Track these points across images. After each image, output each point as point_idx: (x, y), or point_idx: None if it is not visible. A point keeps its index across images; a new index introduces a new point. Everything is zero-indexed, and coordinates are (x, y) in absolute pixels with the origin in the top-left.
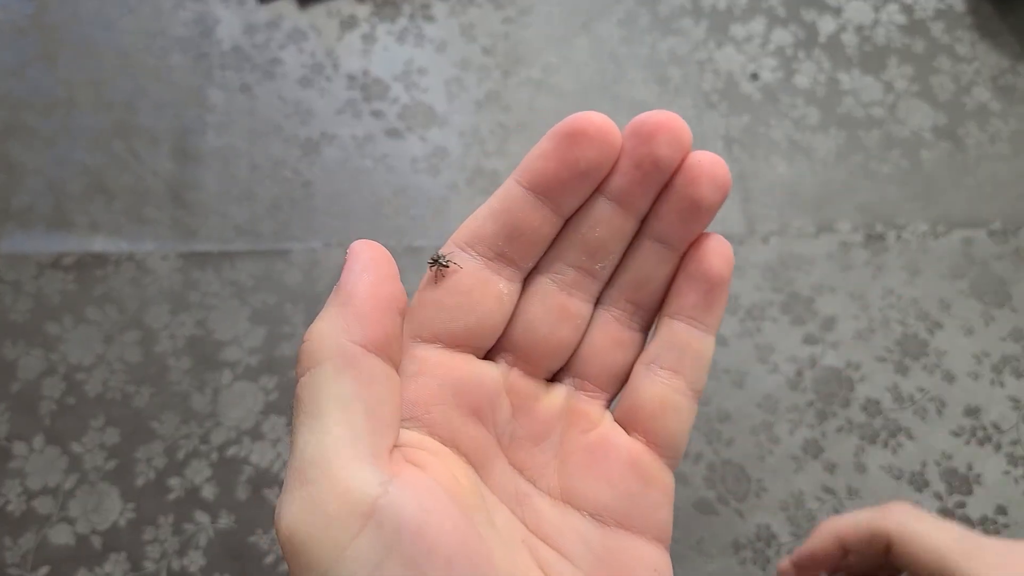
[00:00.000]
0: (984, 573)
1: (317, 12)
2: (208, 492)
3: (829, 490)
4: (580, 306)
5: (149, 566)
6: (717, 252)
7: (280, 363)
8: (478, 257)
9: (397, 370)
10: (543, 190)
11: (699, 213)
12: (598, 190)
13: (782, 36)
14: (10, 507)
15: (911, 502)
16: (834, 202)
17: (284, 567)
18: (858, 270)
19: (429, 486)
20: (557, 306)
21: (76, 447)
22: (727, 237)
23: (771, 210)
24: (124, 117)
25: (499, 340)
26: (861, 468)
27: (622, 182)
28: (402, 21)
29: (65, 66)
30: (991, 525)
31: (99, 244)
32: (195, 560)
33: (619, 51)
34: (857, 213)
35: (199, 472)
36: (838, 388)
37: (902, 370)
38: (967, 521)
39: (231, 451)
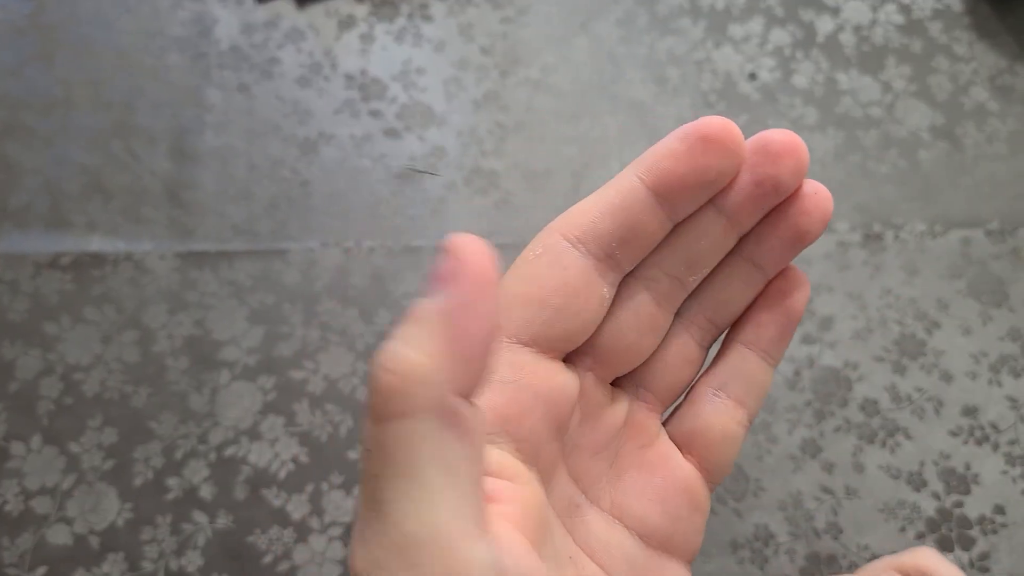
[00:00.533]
0: None
1: (315, 12)
2: (206, 492)
3: (827, 489)
4: (666, 318)
5: (147, 566)
6: (801, 289)
7: (278, 363)
8: (588, 256)
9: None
10: (666, 192)
11: (800, 244)
12: (711, 200)
13: (780, 36)
14: (8, 507)
15: (935, 549)
16: (832, 202)
17: (281, 567)
18: (856, 270)
19: (521, 545)
20: (648, 316)
21: (74, 447)
22: None
23: None
24: (122, 117)
25: (583, 344)
26: (859, 468)
27: (738, 198)
28: (400, 21)
29: (63, 66)
30: (989, 525)
31: (97, 244)
32: (193, 560)
33: (617, 51)
34: (855, 213)
35: (197, 472)
36: (836, 388)
37: (900, 370)
38: (965, 520)
39: (229, 451)
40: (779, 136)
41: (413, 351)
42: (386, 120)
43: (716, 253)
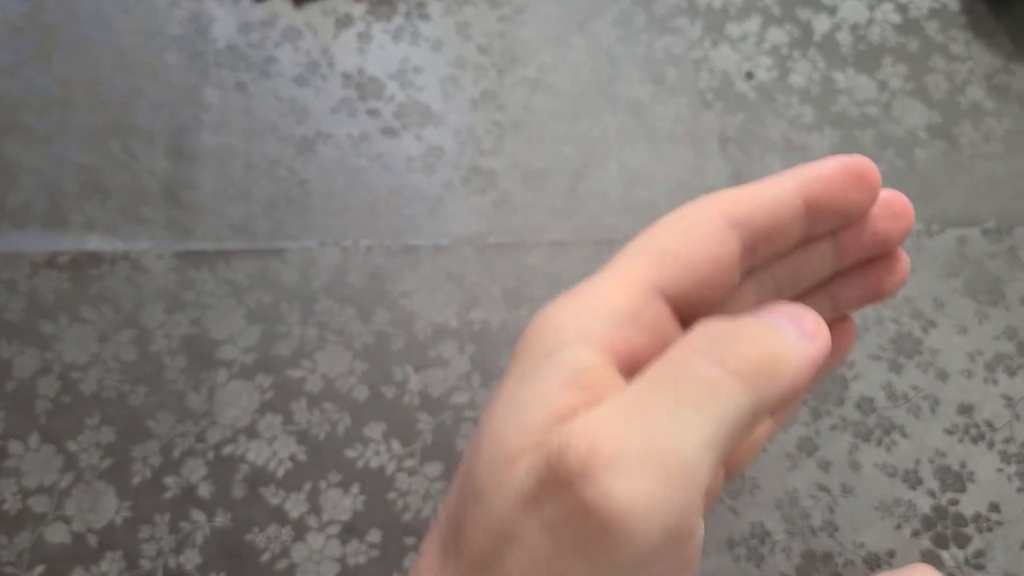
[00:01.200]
0: None
1: (312, 11)
2: (204, 491)
3: (823, 487)
4: None
5: (145, 564)
6: (850, 338)
7: (276, 362)
8: (739, 241)
9: None
10: (816, 209)
11: (875, 299)
12: (833, 232)
13: (777, 35)
14: (5, 506)
15: (931, 566)
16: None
17: (279, 565)
18: None
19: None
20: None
21: (72, 446)
22: None
23: None
24: (119, 116)
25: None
26: (855, 466)
27: (854, 238)
28: (398, 20)
29: (61, 65)
30: (984, 522)
31: (94, 243)
32: (191, 558)
33: (615, 50)
34: None
35: (195, 471)
36: (832, 386)
37: (896, 368)
38: (960, 518)
39: (227, 450)
40: (901, 200)
41: (799, 350)
42: (383, 119)
43: (816, 277)
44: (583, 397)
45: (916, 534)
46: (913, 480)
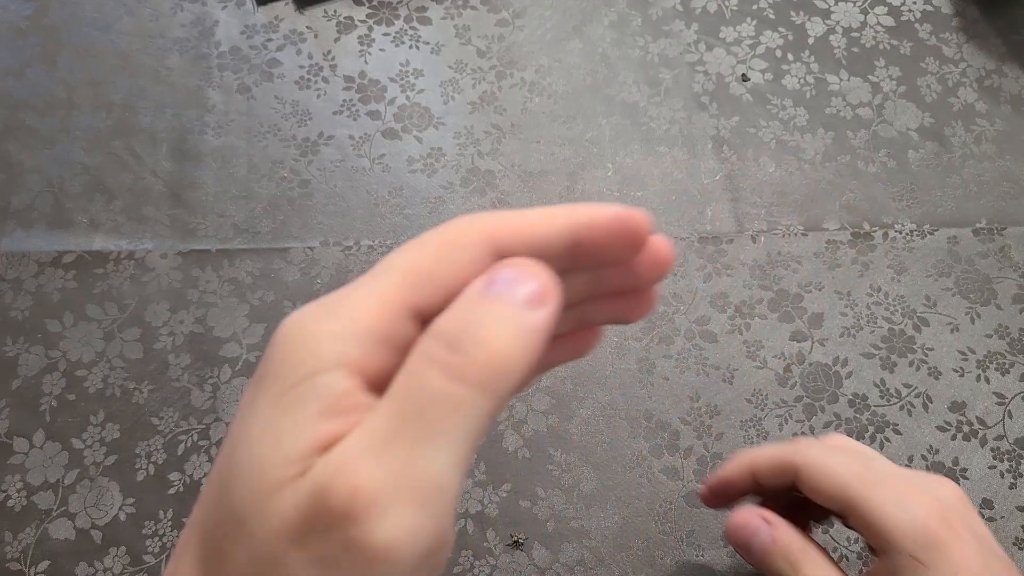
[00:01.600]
0: (882, 499)
1: (314, 14)
2: None
3: None
4: None
5: (149, 560)
6: (595, 339)
7: None
8: (489, 258)
9: None
10: (578, 250)
11: (621, 321)
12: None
13: (771, 38)
14: (10, 502)
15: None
16: (822, 201)
17: None
18: (845, 268)
19: None
20: None
21: (76, 443)
22: (717, 236)
23: (760, 209)
24: (123, 117)
25: None
26: None
27: (615, 278)
28: (398, 23)
29: (65, 67)
30: None
31: (99, 243)
32: None
33: (611, 53)
34: (844, 212)
35: (199, 467)
36: (826, 384)
37: (889, 366)
38: None
39: None
40: (666, 249)
41: (505, 333)
42: (384, 121)
43: (569, 302)
44: (341, 424)
45: None
46: None
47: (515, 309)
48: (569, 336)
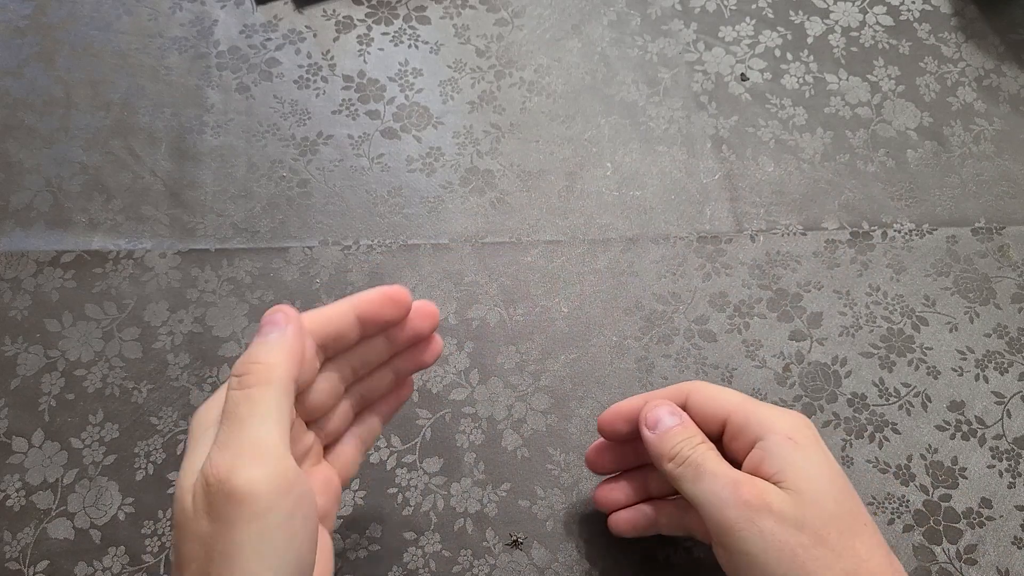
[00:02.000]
0: (762, 406)
1: (313, 13)
2: None
3: None
4: (341, 390)
5: (148, 559)
6: (408, 391)
7: None
8: (311, 341)
9: None
10: (363, 320)
11: (421, 367)
12: (384, 332)
13: (770, 38)
14: (9, 502)
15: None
16: (821, 201)
17: None
18: (844, 267)
19: (307, 478)
20: (332, 386)
21: (75, 442)
22: (716, 235)
23: (759, 208)
24: (122, 117)
25: (300, 394)
26: (848, 461)
27: (399, 334)
28: (397, 23)
29: (63, 66)
30: (976, 518)
31: (98, 242)
32: None
33: (610, 53)
34: (843, 211)
35: None
36: (825, 383)
37: (888, 365)
38: (952, 513)
39: None
40: (427, 306)
41: (270, 353)
42: (383, 120)
43: (380, 357)
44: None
45: (908, 529)
46: (905, 476)
47: (267, 337)
48: (393, 388)
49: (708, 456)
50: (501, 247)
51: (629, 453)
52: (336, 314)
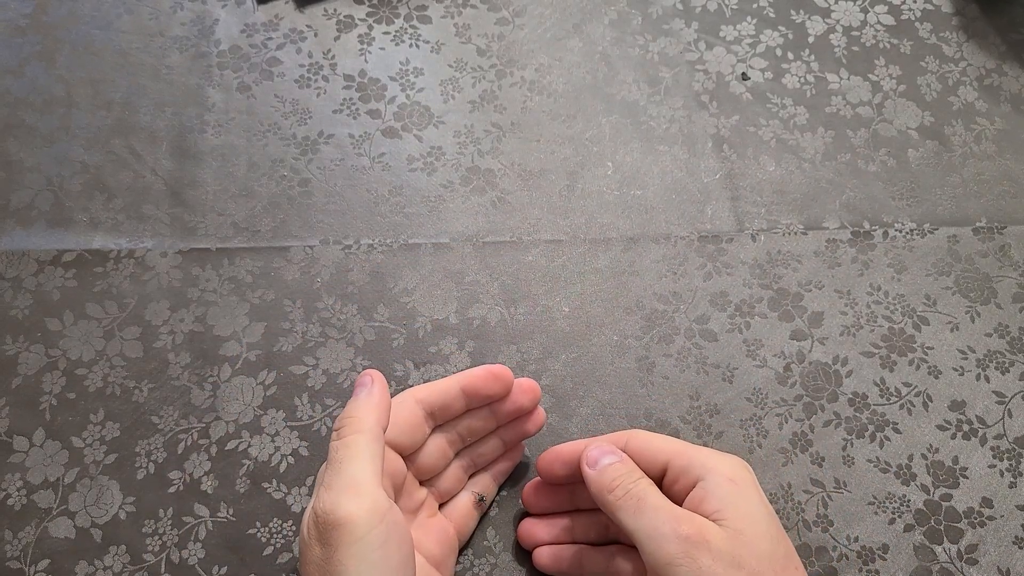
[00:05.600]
0: (702, 451)
1: (314, 13)
2: (207, 485)
3: (817, 482)
4: (451, 454)
5: (149, 558)
6: (519, 454)
7: (279, 358)
8: (422, 410)
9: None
10: (468, 393)
11: (526, 436)
12: (488, 404)
13: (771, 37)
14: (10, 501)
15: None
16: (822, 200)
17: (282, 559)
18: (845, 267)
19: (400, 510)
20: (442, 450)
21: (76, 441)
22: (717, 235)
23: (760, 208)
24: (123, 116)
25: (411, 455)
26: (849, 461)
27: (502, 407)
28: (398, 22)
29: (64, 65)
30: (976, 517)
31: (99, 241)
32: (194, 552)
33: (611, 52)
34: (844, 211)
35: (198, 466)
36: (826, 382)
37: (889, 365)
38: (953, 513)
39: (230, 445)
40: (528, 383)
41: (356, 408)
42: (384, 120)
43: (484, 431)
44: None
45: (909, 528)
46: (906, 475)
47: (358, 396)
48: (503, 453)
49: (649, 491)
50: (502, 246)
51: (564, 496)
52: (443, 388)
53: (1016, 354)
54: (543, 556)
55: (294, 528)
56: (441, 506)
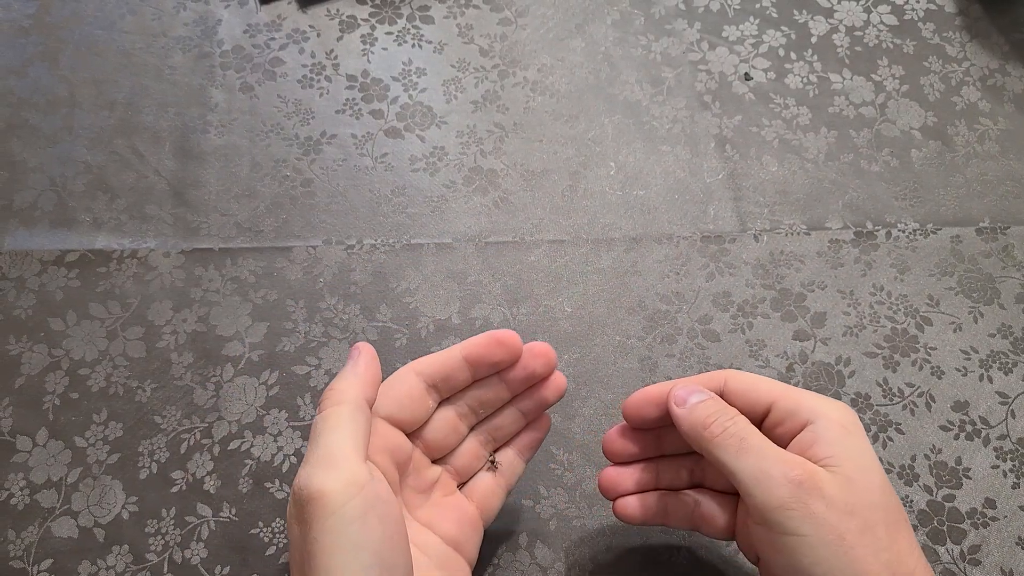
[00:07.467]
0: (808, 393)
1: (317, 13)
2: (210, 485)
3: None
4: (463, 428)
5: (152, 558)
6: (545, 426)
7: (281, 358)
8: (422, 382)
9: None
10: (471, 362)
11: (545, 406)
12: (498, 373)
13: (774, 37)
14: (13, 500)
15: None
16: (824, 200)
17: (284, 559)
18: (848, 267)
19: (387, 484)
20: (452, 424)
21: (79, 441)
22: (719, 235)
23: (762, 208)
24: (126, 116)
25: (416, 431)
26: None
27: (514, 375)
28: (401, 22)
29: (67, 65)
30: (980, 518)
31: (102, 241)
32: (197, 552)
33: (613, 52)
34: (847, 211)
35: (201, 465)
36: (828, 383)
37: (892, 365)
38: (956, 514)
39: (233, 445)
40: (540, 346)
41: (341, 381)
42: (387, 120)
43: (497, 402)
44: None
45: (912, 529)
46: (909, 476)
47: (349, 366)
48: (527, 426)
49: (750, 431)
50: (504, 247)
51: (650, 442)
52: (444, 358)
53: (1019, 355)
54: (629, 506)
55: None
56: (462, 485)
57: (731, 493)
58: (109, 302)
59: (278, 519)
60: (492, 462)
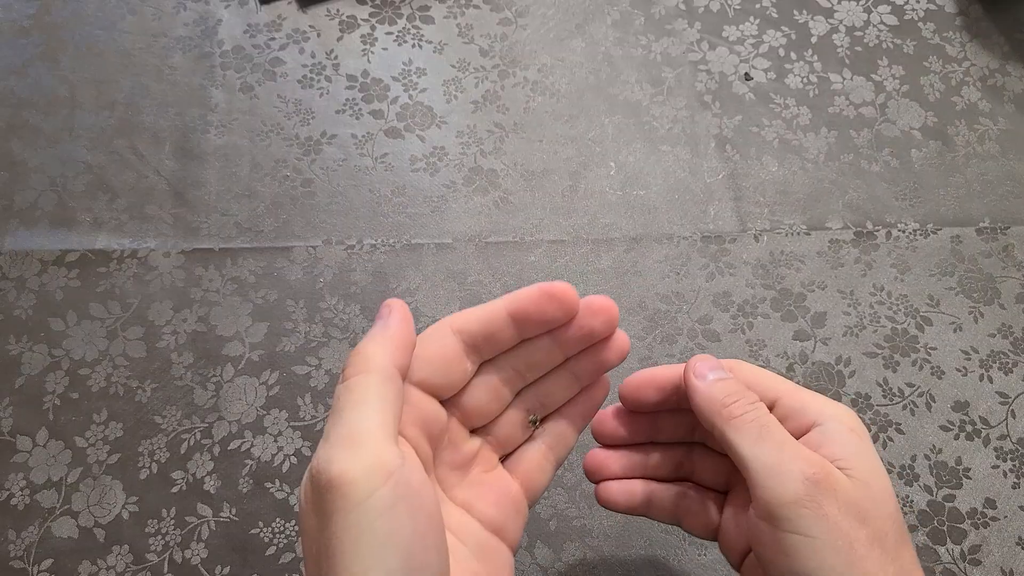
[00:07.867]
0: (815, 400)
1: (317, 13)
2: (210, 485)
3: None
4: (507, 394)
5: (152, 558)
6: (603, 390)
7: (281, 358)
8: (460, 341)
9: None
10: (518, 320)
11: (604, 368)
12: (549, 331)
13: (774, 37)
14: (14, 500)
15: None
16: (824, 200)
17: (284, 559)
18: (848, 267)
19: (421, 468)
20: (494, 390)
21: (79, 441)
22: (720, 235)
23: (763, 208)
24: (126, 116)
25: (453, 397)
26: None
27: (569, 334)
28: (401, 22)
29: (67, 65)
30: (980, 518)
31: (102, 241)
32: (197, 552)
33: (613, 52)
34: (847, 211)
35: (201, 465)
36: (829, 383)
37: (892, 365)
38: (956, 514)
39: (233, 445)
40: (600, 300)
41: (370, 343)
42: (387, 120)
43: (547, 364)
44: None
45: (913, 529)
46: (910, 476)
47: (375, 330)
48: (582, 392)
49: (772, 420)
50: (504, 247)
51: (642, 427)
52: (487, 313)
53: (1019, 355)
54: (612, 491)
55: (297, 528)
56: (505, 459)
57: (719, 490)
58: (109, 302)
59: (278, 519)
60: (533, 422)
